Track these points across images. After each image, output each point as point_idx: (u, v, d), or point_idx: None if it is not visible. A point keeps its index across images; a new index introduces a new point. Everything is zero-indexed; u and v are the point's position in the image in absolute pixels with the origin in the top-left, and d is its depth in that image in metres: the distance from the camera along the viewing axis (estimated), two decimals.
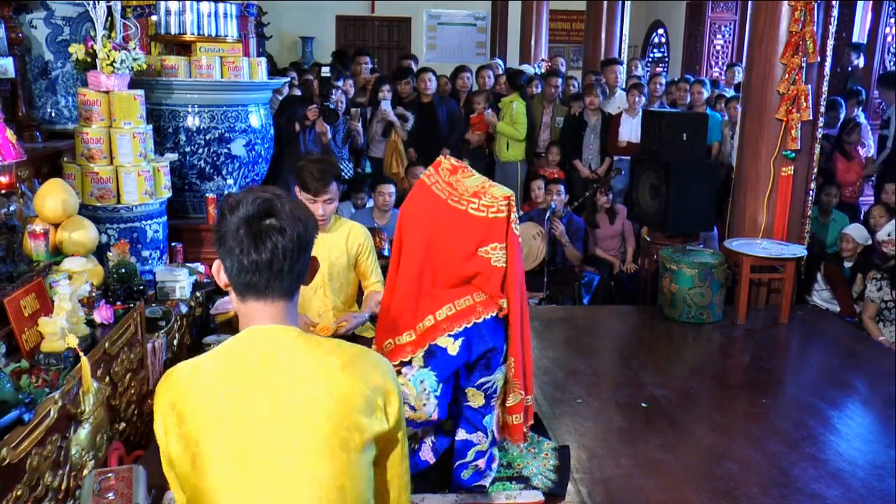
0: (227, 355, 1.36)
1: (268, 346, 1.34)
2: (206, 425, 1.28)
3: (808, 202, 5.06)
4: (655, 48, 11.77)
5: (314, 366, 1.32)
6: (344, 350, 1.38)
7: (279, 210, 1.34)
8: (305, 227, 1.37)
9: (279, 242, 1.32)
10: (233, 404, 1.29)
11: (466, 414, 2.52)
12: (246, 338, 1.37)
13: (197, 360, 1.39)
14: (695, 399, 3.67)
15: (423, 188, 2.56)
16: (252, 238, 1.32)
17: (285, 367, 1.31)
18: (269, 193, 1.37)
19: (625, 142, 6.48)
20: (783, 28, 4.70)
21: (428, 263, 2.48)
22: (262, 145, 4.53)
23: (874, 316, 4.70)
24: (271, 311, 1.37)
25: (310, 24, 12.57)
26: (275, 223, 1.33)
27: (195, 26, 4.26)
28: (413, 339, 2.46)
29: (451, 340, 2.38)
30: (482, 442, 2.55)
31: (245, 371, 1.32)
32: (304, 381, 1.30)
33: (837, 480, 2.95)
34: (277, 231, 1.32)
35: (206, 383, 1.32)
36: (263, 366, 1.31)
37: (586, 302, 5.51)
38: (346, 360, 1.35)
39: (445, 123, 6.65)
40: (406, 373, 2.40)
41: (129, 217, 3.65)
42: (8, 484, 1.94)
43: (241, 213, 1.33)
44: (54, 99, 3.99)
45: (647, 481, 2.91)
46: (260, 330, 1.37)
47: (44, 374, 2.28)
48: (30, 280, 2.57)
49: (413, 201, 2.58)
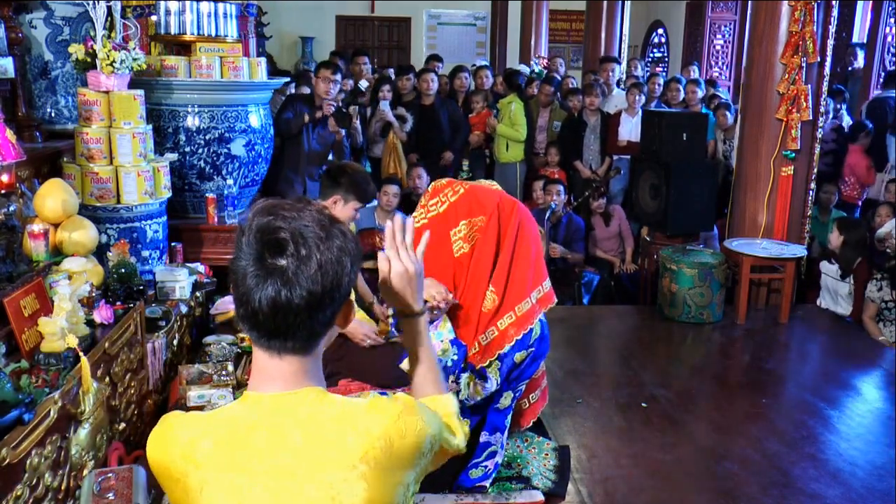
0: (230, 432, 1.12)
1: (279, 420, 1.11)
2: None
3: (808, 202, 5.06)
4: (655, 48, 11.77)
5: (334, 452, 1.09)
6: (371, 426, 1.11)
7: (293, 249, 1.06)
8: (329, 272, 1.07)
9: (283, 294, 1.05)
10: (235, 496, 1.09)
11: (492, 417, 2.53)
12: (253, 408, 1.13)
13: (194, 432, 1.14)
14: (695, 399, 3.67)
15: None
16: (255, 281, 1.06)
17: (299, 451, 1.09)
18: (286, 221, 1.07)
19: (625, 141, 6.49)
20: (783, 28, 4.70)
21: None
22: (262, 145, 4.52)
23: (874, 316, 4.70)
24: (283, 368, 1.13)
25: (310, 24, 12.57)
26: (284, 266, 1.06)
27: (195, 26, 4.26)
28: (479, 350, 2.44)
29: (523, 353, 2.41)
30: (496, 443, 2.56)
31: (249, 455, 1.09)
32: (322, 471, 1.08)
33: (837, 480, 2.95)
34: (282, 281, 1.05)
35: (203, 474, 1.10)
36: (272, 448, 1.09)
37: (586, 302, 5.51)
38: (372, 444, 1.09)
39: (447, 126, 6.65)
40: (485, 387, 2.39)
41: (129, 217, 3.64)
42: (8, 484, 1.94)
43: (251, 242, 1.08)
44: (54, 99, 3.99)
45: (647, 481, 2.91)
46: (270, 399, 1.12)
47: (44, 374, 2.28)
48: (30, 280, 2.57)
49: (528, 224, 2.51)
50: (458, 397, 2.35)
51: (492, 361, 2.40)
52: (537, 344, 2.44)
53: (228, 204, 4.37)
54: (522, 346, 2.40)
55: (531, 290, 2.43)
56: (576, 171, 6.68)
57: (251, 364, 1.17)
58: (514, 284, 2.39)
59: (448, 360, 2.32)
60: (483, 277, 2.38)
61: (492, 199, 2.38)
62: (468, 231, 2.34)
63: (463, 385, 2.36)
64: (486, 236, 2.35)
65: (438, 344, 2.32)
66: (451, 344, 2.34)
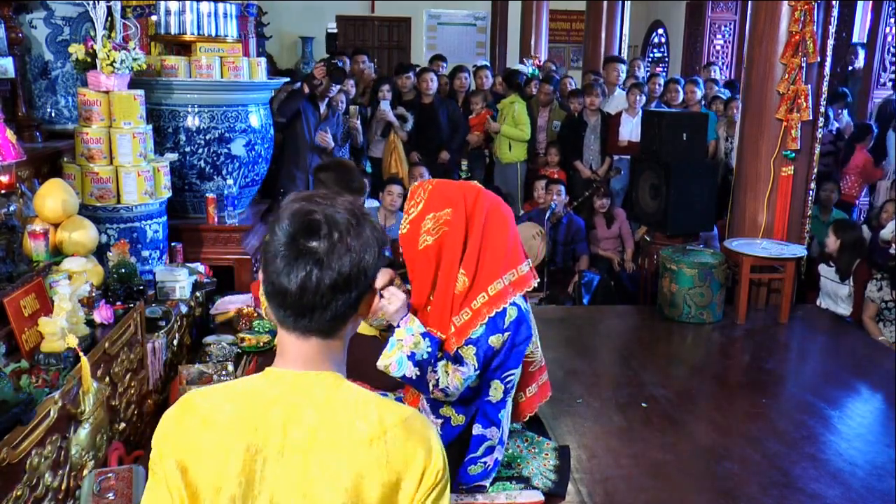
0: (249, 402, 1.18)
1: (295, 397, 1.17)
2: (215, 484, 1.15)
3: (808, 202, 5.06)
4: (655, 48, 11.77)
5: (342, 433, 1.15)
6: (383, 417, 1.17)
7: (325, 233, 1.12)
8: (357, 257, 1.14)
9: (313, 275, 1.11)
10: (247, 463, 1.15)
11: (485, 409, 2.53)
12: (273, 383, 1.19)
13: (215, 401, 1.20)
14: (695, 399, 3.67)
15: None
16: (286, 261, 1.12)
17: (309, 428, 1.15)
18: (321, 207, 1.15)
19: (625, 141, 6.49)
20: (783, 28, 4.70)
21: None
22: (262, 145, 4.53)
23: (874, 316, 4.70)
24: (306, 349, 1.18)
25: (310, 24, 12.57)
26: (315, 249, 1.12)
27: (195, 26, 4.26)
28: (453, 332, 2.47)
29: (499, 336, 2.41)
30: (494, 437, 2.56)
31: (264, 426, 1.15)
32: (328, 449, 1.14)
33: (837, 480, 2.95)
34: (315, 261, 1.11)
35: (220, 438, 1.15)
36: (286, 421, 1.15)
37: (586, 302, 5.51)
38: (380, 431, 1.15)
39: (446, 126, 6.65)
40: (459, 370, 2.39)
41: (129, 217, 3.65)
42: (8, 484, 1.94)
43: (284, 226, 1.14)
44: (54, 99, 3.99)
45: (647, 481, 2.91)
46: (291, 376, 1.18)
47: (44, 374, 2.28)
48: (30, 280, 2.57)
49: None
50: (440, 386, 2.37)
51: (467, 344, 2.43)
52: (513, 327, 2.43)
53: (228, 204, 4.37)
54: (496, 329, 2.41)
55: (504, 273, 2.46)
56: (575, 172, 6.68)
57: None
58: (485, 267, 2.44)
59: (423, 353, 2.37)
60: (454, 264, 2.44)
61: (456, 192, 2.44)
62: (434, 224, 2.41)
63: (441, 373, 2.39)
64: (453, 227, 2.41)
65: (410, 338, 2.37)
66: (422, 337, 2.39)
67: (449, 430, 2.56)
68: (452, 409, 2.53)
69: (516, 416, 2.78)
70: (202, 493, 1.15)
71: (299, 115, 5.57)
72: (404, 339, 2.37)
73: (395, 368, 2.36)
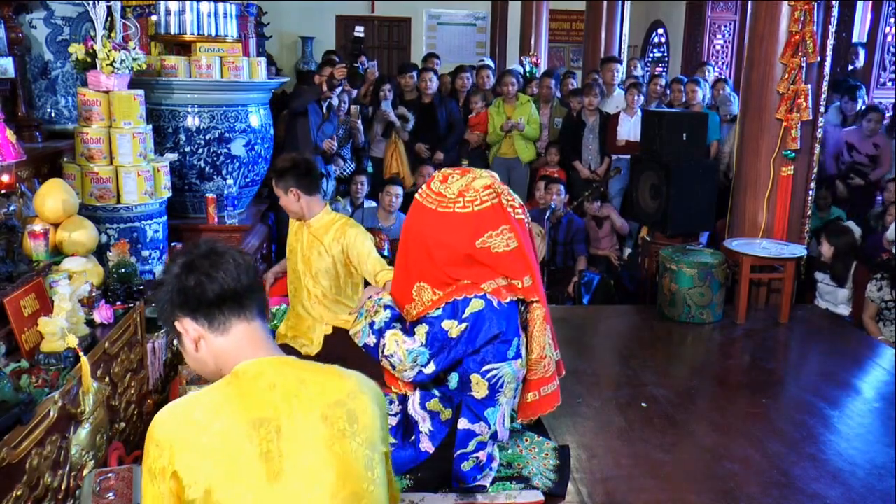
0: (245, 395, 1.35)
1: (284, 375, 1.38)
2: (223, 484, 1.26)
3: (807, 202, 5.06)
4: (655, 48, 11.76)
5: (337, 390, 1.40)
6: (351, 373, 1.46)
7: (220, 251, 1.42)
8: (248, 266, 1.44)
9: (233, 261, 1.40)
10: (263, 449, 1.29)
11: (469, 402, 2.53)
12: (257, 369, 1.38)
13: (198, 417, 1.31)
14: (695, 399, 3.67)
15: (417, 207, 2.60)
16: (209, 260, 1.39)
17: (308, 388, 1.38)
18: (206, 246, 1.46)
19: (624, 141, 6.49)
20: (783, 28, 4.70)
21: (435, 272, 2.52)
22: (261, 145, 4.53)
23: (874, 316, 4.70)
24: (259, 334, 1.43)
25: (309, 24, 12.56)
26: (214, 255, 1.42)
27: (195, 26, 4.26)
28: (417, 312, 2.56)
29: (454, 323, 2.42)
30: (484, 433, 2.55)
31: (269, 408, 1.33)
32: (332, 405, 1.37)
33: (837, 480, 2.95)
34: (222, 254, 1.41)
35: (219, 444, 1.28)
36: (287, 395, 1.35)
37: (586, 302, 5.51)
38: (360, 382, 1.44)
39: (444, 125, 6.65)
40: (406, 342, 2.44)
41: (129, 217, 3.65)
42: (8, 484, 1.94)
43: (183, 259, 1.42)
44: (54, 99, 3.99)
45: (647, 481, 2.91)
46: (268, 361, 1.40)
47: (44, 374, 2.28)
48: (30, 280, 2.57)
49: (409, 221, 2.63)
50: (385, 353, 2.45)
51: (420, 322, 2.48)
52: (472, 319, 2.42)
53: (228, 204, 4.37)
54: (453, 315, 2.42)
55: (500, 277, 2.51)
56: (575, 171, 6.68)
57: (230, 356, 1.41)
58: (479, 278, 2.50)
59: (381, 322, 2.49)
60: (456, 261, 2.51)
61: None
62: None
63: (389, 340, 2.44)
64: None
65: (374, 308, 2.55)
66: (383, 308, 2.52)
67: (439, 426, 2.56)
68: (440, 404, 2.55)
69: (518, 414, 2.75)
70: (219, 489, 1.26)
71: (305, 113, 5.57)
72: (369, 309, 2.54)
73: (360, 337, 2.51)
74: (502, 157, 6.84)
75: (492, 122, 6.78)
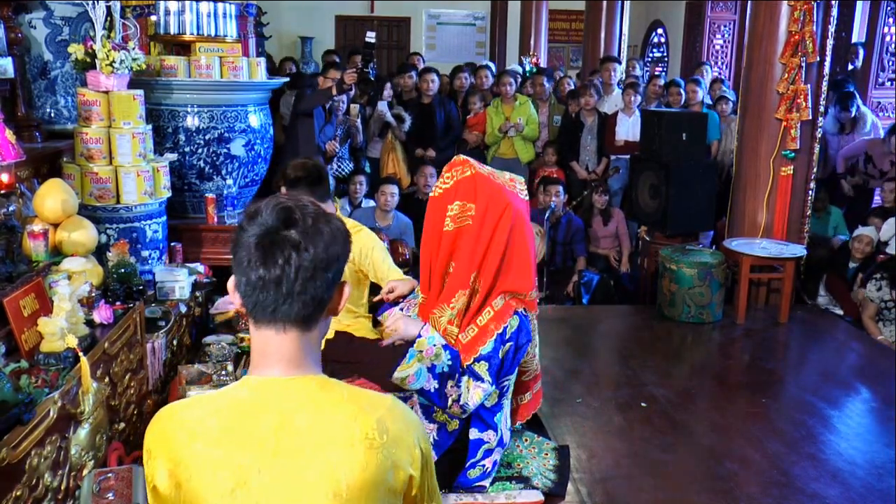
0: (236, 415, 1.19)
1: (283, 405, 1.18)
2: (209, 499, 1.15)
3: (807, 202, 5.06)
4: (655, 48, 11.77)
5: (334, 432, 1.18)
6: (369, 410, 1.21)
7: (299, 221, 1.18)
8: (328, 244, 1.19)
9: (292, 258, 1.16)
10: (239, 477, 1.15)
11: (480, 413, 2.52)
12: (258, 393, 1.20)
13: (198, 413, 1.21)
14: (695, 399, 3.67)
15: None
16: (262, 251, 1.16)
17: (302, 433, 1.17)
18: (292, 202, 1.20)
19: (622, 141, 6.49)
20: (783, 28, 4.70)
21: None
22: (261, 145, 4.52)
23: (874, 316, 4.70)
24: (287, 346, 1.20)
25: (309, 24, 12.57)
26: (291, 236, 1.17)
27: (194, 26, 4.26)
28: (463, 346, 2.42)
29: (503, 347, 2.38)
30: (491, 440, 2.55)
31: (254, 437, 1.16)
32: (322, 451, 1.16)
33: (837, 480, 2.95)
34: (292, 245, 1.16)
35: (207, 452, 1.16)
36: (277, 430, 1.17)
37: (586, 302, 5.51)
38: (370, 426, 1.18)
39: (442, 125, 6.65)
40: (479, 385, 2.35)
41: (129, 217, 3.64)
42: (8, 484, 1.94)
43: (258, 222, 1.18)
44: (54, 99, 3.99)
45: (647, 481, 2.91)
46: (275, 384, 1.20)
47: (43, 374, 2.28)
48: (29, 280, 2.57)
49: (510, 222, 2.37)
50: (460, 402, 2.34)
51: (478, 360, 2.40)
52: (514, 336, 2.43)
53: (228, 204, 4.37)
54: (502, 342, 2.40)
55: (515, 291, 2.44)
56: (573, 172, 6.68)
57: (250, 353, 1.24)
58: (497, 289, 2.40)
59: (443, 366, 2.32)
60: (468, 263, 2.37)
61: (485, 194, 2.36)
62: (459, 212, 2.36)
63: (464, 388, 2.36)
64: (473, 229, 2.35)
65: (431, 349, 2.32)
66: (443, 349, 2.34)
67: (445, 435, 2.55)
68: (446, 415, 2.52)
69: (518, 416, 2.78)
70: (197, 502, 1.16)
71: (310, 114, 5.57)
72: (425, 350, 2.31)
73: (412, 381, 2.30)
74: (501, 157, 6.82)
75: (490, 122, 6.77)
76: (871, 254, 5.06)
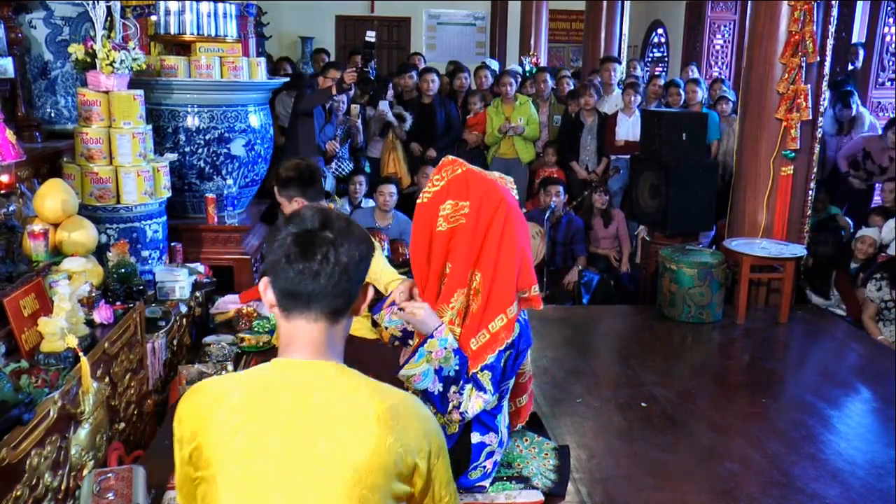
0: (258, 388, 1.30)
1: (303, 383, 1.29)
2: (224, 460, 1.25)
3: (807, 202, 5.06)
4: (655, 48, 11.77)
5: (348, 411, 1.27)
6: (384, 397, 1.31)
7: (334, 223, 1.31)
8: (359, 243, 1.32)
9: (330, 254, 1.28)
10: (254, 442, 1.25)
11: (481, 416, 2.51)
12: (281, 371, 1.32)
13: (226, 386, 1.33)
14: (695, 399, 3.67)
15: (517, 213, 2.38)
16: (302, 247, 1.28)
17: (317, 409, 1.27)
18: (326, 209, 1.36)
19: (622, 141, 6.49)
20: (783, 28, 4.70)
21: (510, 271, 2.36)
22: (261, 145, 4.52)
23: (874, 316, 4.70)
24: (314, 335, 1.31)
25: (309, 24, 12.57)
26: (328, 235, 1.29)
27: (195, 26, 4.26)
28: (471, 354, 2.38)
29: (505, 355, 2.37)
30: (493, 442, 2.55)
31: (272, 409, 1.27)
32: (335, 427, 1.26)
33: (837, 480, 2.95)
34: (330, 243, 1.29)
35: (228, 417, 1.27)
36: (294, 405, 1.27)
37: (586, 302, 5.51)
38: (384, 409, 1.28)
39: (443, 125, 6.65)
40: (481, 395, 2.34)
41: (129, 217, 3.64)
42: (8, 484, 1.94)
43: (296, 223, 1.31)
44: (54, 99, 3.99)
45: (647, 481, 2.91)
46: (298, 364, 1.31)
47: (43, 374, 2.28)
48: (29, 280, 2.57)
49: (512, 227, 2.34)
50: (461, 409, 2.33)
51: (483, 369, 2.38)
52: (516, 342, 2.42)
53: (228, 204, 4.37)
54: (504, 350, 2.39)
55: (521, 288, 2.43)
56: (573, 172, 6.68)
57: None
58: (500, 287, 2.36)
59: (450, 370, 2.30)
60: (465, 261, 2.34)
61: (479, 189, 2.32)
62: (452, 212, 2.33)
63: (465, 396, 2.34)
64: (468, 227, 2.32)
65: (441, 352, 2.30)
66: (453, 353, 2.31)
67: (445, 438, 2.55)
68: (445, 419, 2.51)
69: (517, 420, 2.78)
70: (213, 467, 1.25)
71: (310, 114, 5.57)
72: (434, 352, 2.29)
73: (418, 380, 2.28)
74: (501, 157, 6.83)
75: (490, 122, 6.76)
76: (873, 255, 5.06)
